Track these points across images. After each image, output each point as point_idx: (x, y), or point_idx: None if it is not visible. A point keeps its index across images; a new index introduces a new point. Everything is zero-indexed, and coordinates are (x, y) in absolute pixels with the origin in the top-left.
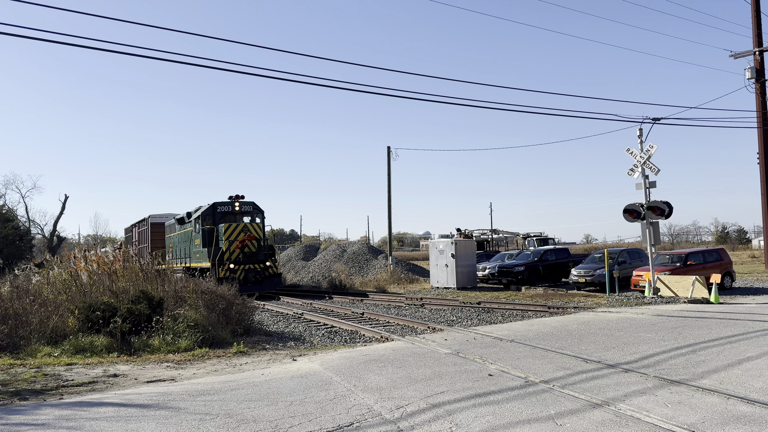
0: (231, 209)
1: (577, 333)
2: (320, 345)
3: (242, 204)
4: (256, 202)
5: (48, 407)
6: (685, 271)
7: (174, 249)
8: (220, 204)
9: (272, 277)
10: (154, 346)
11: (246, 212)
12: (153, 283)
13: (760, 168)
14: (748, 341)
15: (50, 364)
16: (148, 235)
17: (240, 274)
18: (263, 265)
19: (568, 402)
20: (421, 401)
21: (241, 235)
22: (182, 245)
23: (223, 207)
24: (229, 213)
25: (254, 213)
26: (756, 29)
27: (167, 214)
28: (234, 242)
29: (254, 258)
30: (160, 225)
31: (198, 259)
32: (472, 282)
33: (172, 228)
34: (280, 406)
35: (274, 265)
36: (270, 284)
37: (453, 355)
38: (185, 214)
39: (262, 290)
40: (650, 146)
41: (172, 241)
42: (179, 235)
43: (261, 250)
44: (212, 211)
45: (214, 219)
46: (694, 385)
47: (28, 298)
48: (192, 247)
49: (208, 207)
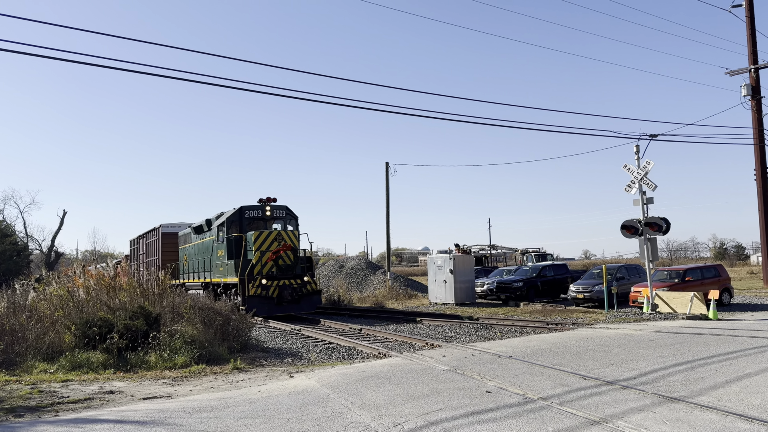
0: (261, 214)
1: (575, 349)
2: (317, 361)
3: (274, 208)
4: (289, 206)
5: (43, 424)
6: (683, 288)
7: (189, 262)
8: (248, 208)
9: (311, 295)
10: (150, 362)
11: (278, 218)
12: (150, 298)
13: (757, 184)
14: (747, 358)
15: (46, 381)
16: (158, 247)
17: (273, 291)
18: (300, 280)
19: (566, 419)
20: (419, 418)
21: (274, 244)
22: (200, 257)
23: (252, 212)
24: (258, 219)
25: (287, 219)
26: (751, 47)
27: (180, 224)
28: (266, 253)
29: (290, 272)
30: (172, 235)
31: (221, 273)
32: (471, 298)
33: (187, 238)
34: (276, 423)
35: (312, 280)
36: (308, 304)
37: (451, 372)
38: (204, 221)
39: (300, 311)
40: (647, 162)
41: (187, 252)
42: (196, 245)
43: (298, 263)
44: (239, 217)
45: (241, 226)
46: (693, 402)
47: (24, 314)
48: (214, 260)
49: (234, 212)
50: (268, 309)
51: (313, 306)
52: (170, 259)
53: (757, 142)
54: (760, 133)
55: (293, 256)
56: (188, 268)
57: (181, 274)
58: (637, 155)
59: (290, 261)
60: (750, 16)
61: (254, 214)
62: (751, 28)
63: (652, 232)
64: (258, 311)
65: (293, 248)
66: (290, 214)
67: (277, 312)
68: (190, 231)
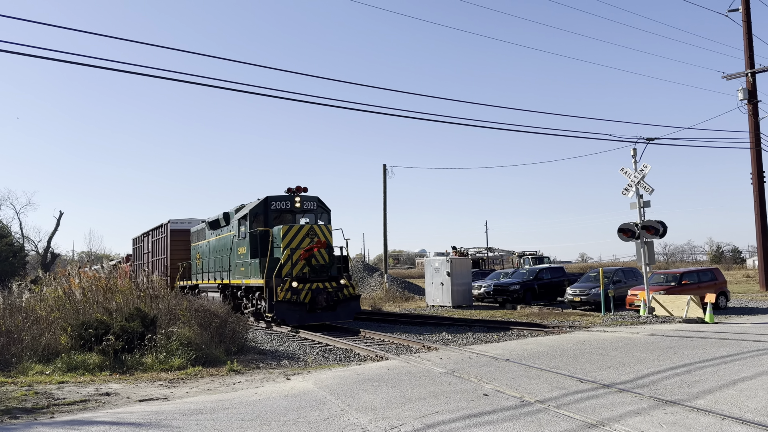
0: (289, 206)
1: (572, 352)
2: (314, 364)
3: (304, 199)
4: (321, 198)
5: (39, 426)
6: (680, 291)
7: (203, 261)
8: (274, 199)
9: (348, 301)
10: (147, 364)
11: (308, 210)
12: (147, 300)
13: (754, 188)
14: (743, 361)
15: (42, 382)
16: (166, 245)
17: (306, 295)
18: (336, 283)
19: (563, 422)
20: (416, 421)
21: (306, 240)
22: (216, 255)
23: (279, 203)
24: (286, 211)
25: (318, 212)
26: (748, 51)
27: (190, 219)
28: (296, 251)
29: (325, 273)
30: (182, 232)
31: (242, 274)
32: (468, 300)
33: (200, 234)
34: (273, 425)
35: (350, 283)
36: (346, 311)
37: (448, 375)
38: (221, 215)
39: (336, 320)
40: (644, 166)
41: (200, 250)
42: (212, 243)
43: (333, 263)
44: (264, 209)
45: (267, 219)
46: (689, 406)
47: (20, 315)
48: (233, 258)
49: (259, 203)
50: (299, 317)
51: (352, 313)
52: (180, 258)
53: (753, 146)
54: (757, 137)
55: (328, 255)
56: (202, 268)
57: (194, 274)
58: (635, 158)
59: (325, 260)
60: (747, 21)
61: (281, 205)
62: (748, 33)
63: (648, 235)
64: (287, 319)
65: (328, 245)
66: (322, 207)
67: (310, 320)
68: (205, 226)
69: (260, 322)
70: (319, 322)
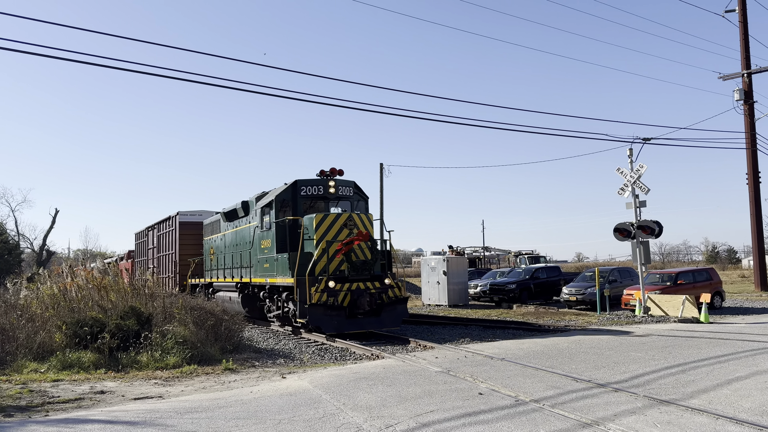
0: (322, 192)
1: (567, 352)
2: (310, 362)
3: (339, 184)
4: (357, 183)
5: (33, 424)
6: (675, 291)
7: (218, 256)
8: (304, 183)
9: (394, 304)
10: (142, 362)
11: (344, 197)
12: (142, 298)
13: (750, 188)
14: (738, 361)
15: (36, 380)
16: (175, 239)
17: (344, 298)
18: (380, 283)
19: (558, 421)
20: (411, 420)
21: (344, 232)
22: (234, 250)
23: (310, 188)
24: (318, 198)
25: (355, 200)
26: (744, 52)
27: (201, 211)
28: (333, 244)
29: (367, 271)
30: (194, 225)
31: (266, 271)
32: (464, 299)
33: (214, 227)
34: (268, 424)
35: (396, 283)
36: (392, 316)
37: (443, 374)
38: (239, 204)
39: (381, 327)
40: (640, 166)
41: (214, 245)
42: (228, 236)
43: (377, 259)
44: (293, 194)
45: (296, 206)
46: (684, 405)
47: (15, 313)
48: (254, 253)
49: (286, 188)
50: (337, 323)
51: (399, 319)
52: (191, 254)
53: (749, 147)
54: (753, 138)
55: (370, 250)
56: (216, 264)
57: (207, 271)
58: (631, 159)
59: (367, 256)
60: (743, 22)
61: (313, 191)
62: (744, 34)
63: (644, 235)
64: (323, 326)
65: (370, 238)
66: (359, 194)
67: (350, 328)
68: (220, 218)
69: (286, 327)
70: (361, 329)
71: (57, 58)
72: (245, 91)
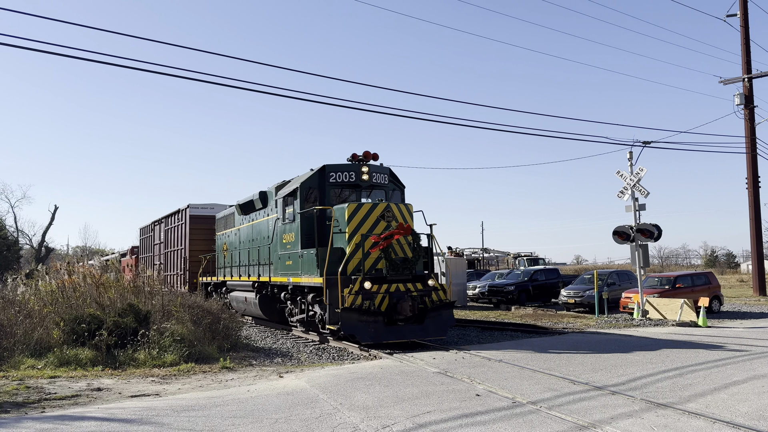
0: (354, 179)
1: (565, 354)
2: (308, 362)
3: (373, 170)
4: (393, 170)
5: (29, 420)
6: (673, 294)
7: (232, 253)
8: (333, 169)
9: (438, 309)
10: (139, 360)
11: (378, 186)
12: (140, 295)
13: (749, 193)
14: (735, 365)
15: (33, 377)
16: (184, 234)
17: (382, 301)
18: (423, 285)
19: (554, 424)
20: (407, 420)
21: (381, 224)
22: (250, 245)
23: (340, 174)
24: (349, 186)
25: (390, 189)
26: (745, 56)
27: (213, 204)
28: (368, 238)
29: (408, 270)
30: (205, 219)
31: (289, 269)
32: (462, 301)
33: (228, 221)
34: (265, 423)
35: (440, 284)
36: (436, 324)
37: (441, 375)
38: (256, 195)
39: (425, 336)
40: (640, 169)
41: (227, 240)
42: (244, 230)
43: (420, 257)
44: (320, 181)
45: (323, 195)
46: (681, 409)
47: (13, 309)
48: (275, 248)
49: (313, 174)
50: (374, 331)
51: (445, 327)
52: (202, 250)
53: (749, 151)
54: (753, 142)
55: (411, 246)
56: (230, 261)
57: (219, 268)
58: (630, 162)
59: (407, 253)
60: (744, 26)
61: (343, 178)
62: (746, 38)
63: (643, 238)
64: (358, 335)
65: (412, 232)
66: (395, 182)
67: (389, 337)
68: (234, 211)
69: (310, 333)
70: (402, 339)
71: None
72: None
